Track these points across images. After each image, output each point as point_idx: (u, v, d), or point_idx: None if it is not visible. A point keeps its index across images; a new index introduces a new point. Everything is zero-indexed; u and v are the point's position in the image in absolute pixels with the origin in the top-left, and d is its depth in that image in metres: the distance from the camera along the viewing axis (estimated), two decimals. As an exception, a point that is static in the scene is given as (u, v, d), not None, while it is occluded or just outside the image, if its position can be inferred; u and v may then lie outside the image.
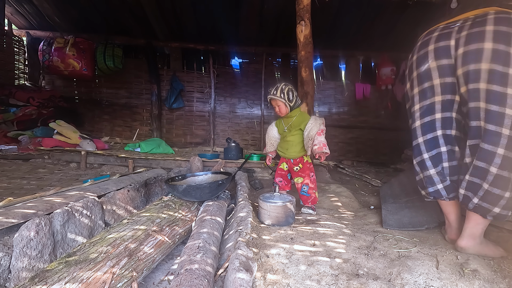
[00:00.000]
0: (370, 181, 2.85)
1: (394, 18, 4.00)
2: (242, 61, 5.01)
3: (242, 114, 4.96)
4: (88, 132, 4.04)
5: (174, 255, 1.33)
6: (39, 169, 2.55)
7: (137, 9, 3.80)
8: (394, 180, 2.14)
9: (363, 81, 4.89)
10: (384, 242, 1.37)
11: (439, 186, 1.31)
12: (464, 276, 1.04)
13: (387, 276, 1.05)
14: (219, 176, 1.97)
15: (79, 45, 4.01)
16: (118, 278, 0.84)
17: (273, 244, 1.28)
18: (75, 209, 1.28)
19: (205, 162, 3.04)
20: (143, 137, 4.54)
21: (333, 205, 2.09)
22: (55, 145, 3.08)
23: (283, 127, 1.96)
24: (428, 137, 1.31)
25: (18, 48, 4.27)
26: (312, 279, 1.01)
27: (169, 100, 4.61)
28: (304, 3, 2.63)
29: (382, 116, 5.02)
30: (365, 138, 5.00)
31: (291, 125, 1.92)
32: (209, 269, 0.94)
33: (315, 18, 2.72)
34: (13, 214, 1.12)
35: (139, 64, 4.69)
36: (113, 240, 1.00)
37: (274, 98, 1.87)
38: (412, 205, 1.77)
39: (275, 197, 1.64)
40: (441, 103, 1.27)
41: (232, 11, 3.94)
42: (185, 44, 4.67)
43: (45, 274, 0.79)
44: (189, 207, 1.59)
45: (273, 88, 1.89)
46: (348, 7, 3.78)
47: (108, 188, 1.71)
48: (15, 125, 3.49)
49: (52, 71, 4.09)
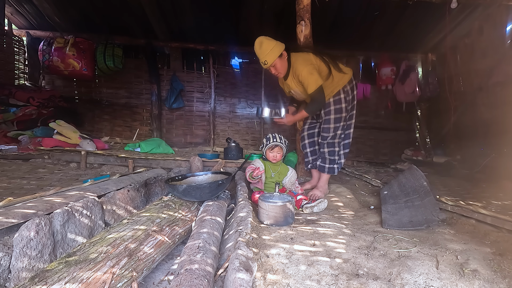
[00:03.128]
0: (370, 181, 2.84)
1: (394, 18, 4.00)
2: (242, 61, 5.00)
3: (242, 114, 4.96)
4: (88, 132, 4.03)
5: (174, 255, 1.33)
6: (39, 169, 2.55)
7: (137, 9, 3.79)
8: (393, 181, 2.15)
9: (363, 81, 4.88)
10: (384, 242, 1.37)
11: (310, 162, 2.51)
12: (464, 276, 1.04)
13: (387, 276, 1.05)
14: (219, 176, 1.97)
15: (79, 45, 4.01)
16: (118, 278, 0.84)
17: (273, 244, 1.28)
18: (75, 209, 1.28)
19: (205, 162, 3.04)
20: (143, 137, 4.54)
21: (333, 205, 2.09)
22: (55, 145, 3.08)
23: (271, 173, 2.19)
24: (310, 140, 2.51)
25: (18, 48, 4.26)
26: (312, 279, 1.01)
27: (169, 100, 4.61)
28: (304, 3, 2.63)
29: (382, 116, 5.01)
30: (365, 138, 4.99)
31: (279, 172, 2.22)
32: (209, 269, 0.94)
33: (315, 18, 2.72)
34: (13, 214, 1.12)
35: (139, 64, 4.69)
36: (113, 240, 1.00)
37: (280, 145, 2.17)
38: (412, 204, 1.77)
39: (274, 197, 1.64)
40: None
41: (232, 10, 3.94)
42: (185, 44, 4.66)
43: (45, 274, 0.79)
44: (189, 207, 1.59)
45: (271, 137, 2.20)
46: (348, 7, 3.78)
47: (108, 188, 1.71)
48: (15, 125, 3.49)
49: (52, 71, 4.08)
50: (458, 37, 3.93)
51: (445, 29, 3.74)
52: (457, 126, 3.88)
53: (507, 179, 2.45)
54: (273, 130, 4.92)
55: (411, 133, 5.03)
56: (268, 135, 2.24)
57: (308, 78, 2.06)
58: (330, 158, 2.31)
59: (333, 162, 2.32)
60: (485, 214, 1.60)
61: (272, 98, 4.80)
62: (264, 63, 2.11)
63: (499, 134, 3.08)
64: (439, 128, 4.42)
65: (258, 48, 2.10)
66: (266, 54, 2.07)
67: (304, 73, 2.06)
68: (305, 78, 2.07)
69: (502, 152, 2.94)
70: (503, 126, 3.02)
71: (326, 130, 2.29)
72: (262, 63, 2.13)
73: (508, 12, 3.18)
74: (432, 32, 4.16)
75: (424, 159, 4.10)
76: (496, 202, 1.91)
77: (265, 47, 2.07)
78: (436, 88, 4.31)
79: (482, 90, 3.48)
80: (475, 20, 3.64)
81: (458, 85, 3.96)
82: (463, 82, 3.92)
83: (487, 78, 3.39)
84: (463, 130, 3.84)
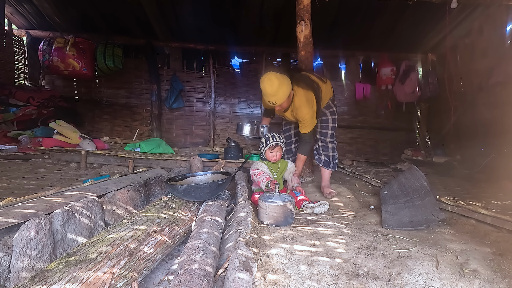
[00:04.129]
0: (370, 181, 2.84)
1: (394, 18, 4.00)
2: (242, 61, 5.00)
3: (242, 114, 4.96)
4: (88, 132, 4.03)
5: (174, 255, 1.33)
6: (39, 169, 2.55)
7: (137, 9, 3.79)
8: (393, 181, 2.15)
9: (363, 81, 4.88)
10: (384, 242, 1.37)
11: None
12: (464, 276, 1.04)
13: (387, 276, 1.05)
14: (219, 176, 1.97)
15: (79, 45, 4.01)
16: (118, 278, 0.84)
17: (273, 244, 1.28)
18: (75, 209, 1.28)
19: (205, 162, 3.04)
20: (143, 137, 4.54)
21: (333, 205, 2.09)
22: (55, 145, 3.08)
23: (273, 173, 2.19)
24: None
25: (18, 48, 4.26)
26: (312, 279, 1.01)
27: (169, 100, 4.61)
28: (304, 3, 2.62)
29: (382, 116, 5.01)
30: (365, 138, 4.99)
31: (280, 170, 2.23)
32: (209, 269, 0.94)
33: (315, 18, 2.72)
34: (13, 214, 1.12)
35: (139, 64, 4.69)
36: (113, 240, 1.00)
37: (280, 144, 2.18)
38: (412, 204, 1.77)
39: (274, 197, 1.64)
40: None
41: (232, 11, 3.94)
42: (185, 44, 4.66)
43: (45, 274, 0.79)
44: (189, 207, 1.59)
45: (270, 136, 2.18)
46: (348, 7, 3.78)
47: (108, 188, 1.71)
48: (15, 125, 3.49)
49: (52, 71, 4.08)
50: (458, 37, 3.93)
51: (445, 29, 3.74)
52: (457, 126, 3.88)
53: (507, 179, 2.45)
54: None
55: (411, 133, 5.03)
56: (267, 135, 2.24)
57: (308, 121, 2.17)
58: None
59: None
60: (485, 214, 1.60)
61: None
62: (273, 103, 2.05)
63: (499, 134, 3.08)
64: (439, 128, 4.42)
65: (269, 88, 1.97)
66: (275, 96, 2.00)
67: (308, 116, 2.14)
68: (306, 121, 2.16)
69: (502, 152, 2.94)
70: (503, 126, 3.02)
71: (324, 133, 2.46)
72: (268, 101, 2.07)
73: (508, 12, 3.18)
74: (432, 32, 4.17)
75: (424, 159, 4.11)
76: (496, 202, 1.91)
77: (276, 89, 1.96)
78: (436, 88, 4.31)
79: (482, 90, 3.48)
80: (475, 20, 3.64)
81: (458, 85, 3.96)
82: (463, 82, 3.92)
83: (487, 78, 3.39)
84: (463, 130, 3.84)
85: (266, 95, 2.03)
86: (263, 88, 2.01)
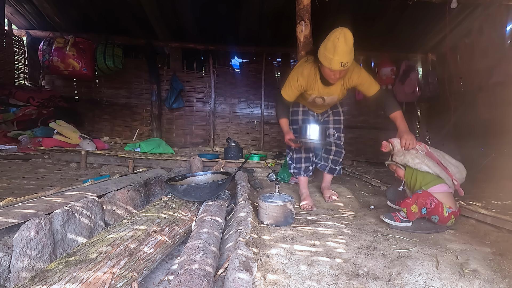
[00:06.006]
0: (370, 181, 2.84)
1: (394, 18, 4.00)
2: (242, 61, 5.00)
3: (242, 114, 4.96)
4: (88, 132, 4.03)
5: (174, 255, 1.33)
6: (39, 169, 2.55)
7: (137, 9, 3.79)
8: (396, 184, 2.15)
9: (363, 81, 4.88)
10: (384, 242, 1.37)
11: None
12: (464, 276, 1.04)
13: (387, 276, 1.05)
14: (219, 176, 1.97)
15: (79, 45, 4.01)
16: (118, 278, 0.84)
17: (273, 244, 1.28)
18: (75, 209, 1.28)
19: (205, 162, 3.04)
20: (143, 137, 4.54)
21: (333, 205, 2.09)
22: (55, 145, 3.08)
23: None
24: None
25: (18, 48, 4.26)
26: (312, 279, 1.01)
27: (169, 100, 4.60)
28: (304, 3, 2.62)
29: (382, 116, 5.00)
30: (365, 138, 4.99)
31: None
32: (209, 269, 0.94)
33: (315, 18, 2.72)
34: (13, 214, 1.12)
35: (139, 64, 4.69)
36: (113, 240, 1.00)
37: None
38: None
39: (274, 197, 1.64)
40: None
41: (232, 11, 3.94)
42: (185, 44, 4.66)
43: (45, 274, 0.79)
44: (189, 207, 1.59)
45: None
46: (348, 7, 3.78)
47: (108, 188, 1.71)
48: (15, 125, 3.49)
49: (52, 71, 4.08)
50: (458, 37, 3.93)
51: (445, 29, 3.74)
52: (457, 126, 3.88)
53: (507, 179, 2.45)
54: (273, 131, 4.92)
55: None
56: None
57: (371, 77, 1.93)
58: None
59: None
60: (485, 214, 1.59)
61: (272, 98, 4.79)
62: (344, 65, 1.69)
63: (499, 134, 3.08)
64: (439, 128, 4.42)
65: (343, 44, 1.64)
66: (351, 54, 1.70)
67: (368, 74, 1.93)
68: (368, 77, 1.92)
69: (502, 152, 2.94)
70: (503, 126, 3.02)
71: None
72: (339, 63, 1.68)
73: (508, 12, 3.18)
74: (432, 32, 4.16)
75: (424, 159, 4.10)
76: (496, 202, 1.91)
77: (352, 47, 1.67)
78: (436, 88, 4.30)
79: (482, 90, 3.48)
80: (475, 20, 3.64)
81: (458, 85, 3.96)
82: (463, 82, 3.92)
83: (487, 78, 3.39)
84: (463, 130, 3.83)
85: (339, 54, 1.65)
86: (336, 46, 1.63)
